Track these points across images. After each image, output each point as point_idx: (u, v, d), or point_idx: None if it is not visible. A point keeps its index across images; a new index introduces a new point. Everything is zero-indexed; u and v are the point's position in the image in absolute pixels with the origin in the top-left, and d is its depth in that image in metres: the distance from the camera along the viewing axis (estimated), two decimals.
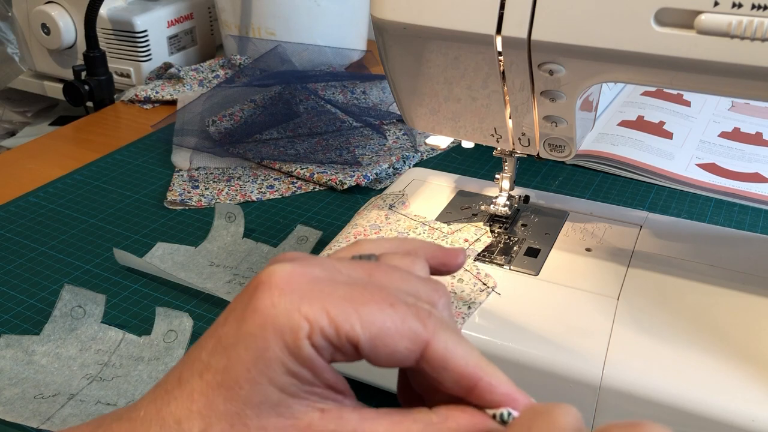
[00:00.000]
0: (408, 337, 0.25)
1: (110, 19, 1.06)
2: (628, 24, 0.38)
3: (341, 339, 0.24)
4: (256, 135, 0.86)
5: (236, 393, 0.24)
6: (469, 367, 0.25)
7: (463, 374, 0.25)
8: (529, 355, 0.44)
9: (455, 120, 0.51)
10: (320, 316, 0.24)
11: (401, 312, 0.25)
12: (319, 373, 0.25)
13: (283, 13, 1.05)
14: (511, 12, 0.41)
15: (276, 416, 0.24)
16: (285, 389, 0.24)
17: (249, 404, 0.24)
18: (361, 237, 0.54)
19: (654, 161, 0.80)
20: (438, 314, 0.26)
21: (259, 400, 0.24)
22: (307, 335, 0.24)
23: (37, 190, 0.78)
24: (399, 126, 0.91)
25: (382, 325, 0.24)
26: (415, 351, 0.25)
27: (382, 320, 0.24)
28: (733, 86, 0.39)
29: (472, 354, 0.25)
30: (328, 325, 0.24)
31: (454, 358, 0.25)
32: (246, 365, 0.24)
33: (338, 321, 0.24)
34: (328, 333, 0.24)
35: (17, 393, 0.50)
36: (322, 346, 0.24)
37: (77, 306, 0.56)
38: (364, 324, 0.24)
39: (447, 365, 0.25)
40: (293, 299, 0.24)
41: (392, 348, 0.24)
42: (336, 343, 0.24)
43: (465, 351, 0.25)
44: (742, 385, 0.41)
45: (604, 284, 0.49)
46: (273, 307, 0.24)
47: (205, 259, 0.65)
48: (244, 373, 0.24)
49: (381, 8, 0.45)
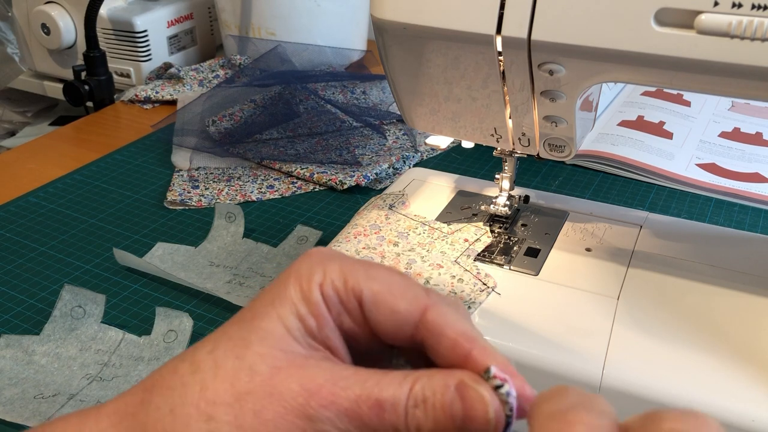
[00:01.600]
0: (408, 299, 0.27)
1: (110, 19, 1.06)
2: (628, 24, 0.38)
3: (348, 291, 0.27)
4: (256, 135, 0.86)
5: (248, 323, 0.27)
6: (465, 336, 0.26)
7: (458, 340, 0.26)
8: (529, 355, 0.44)
9: (455, 120, 0.51)
10: (335, 269, 0.27)
11: (407, 278, 0.28)
12: (322, 326, 0.27)
13: (283, 13, 1.05)
14: (511, 12, 0.41)
15: (276, 349, 0.26)
16: (290, 330, 0.26)
17: (255, 331, 0.26)
18: (361, 237, 0.54)
19: (654, 161, 0.80)
20: (446, 299, 0.28)
21: (265, 329, 0.26)
22: (319, 282, 0.27)
23: (37, 190, 0.78)
24: (399, 126, 0.91)
25: (385, 283, 0.27)
26: (413, 313, 0.27)
27: (388, 280, 0.27)
28: (733, 86, 0.39)
29: (472, 328, 0.27)
30: (338, 277, 0.27)
31: (451, 324, 0.26)
32: (264, 302, 0.27)
33: (348, 275, 0.27)
34: (337, 284, 0.27)
35: (17, 393, 0.50)
36: (330, 296, 0.27)
37: (77, 306, 0.56)
38: (370, 278, 0.27)
39: (444, 330, 0.26)
40: (319, 259, 0.28)
41: (392, 306, 0.27)
42: (343, 295, 0.27)
43: (464, 324, 0.27)
44: (742, 385, 0.41)
45: (604, 284, 0.49)
46: (300, 263, 0.28)
47: (205, 259, 0.65)
48: (260, 308, 0.27)
49: (381, 8, 0.45)
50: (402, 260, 0.51)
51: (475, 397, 0.25)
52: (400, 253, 0.52)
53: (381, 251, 0.52)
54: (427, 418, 0.25)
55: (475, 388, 0.25)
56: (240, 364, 0.26)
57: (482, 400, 0.25)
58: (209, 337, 0.28)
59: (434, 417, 0.25)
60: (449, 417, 0.25)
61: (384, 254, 0.52)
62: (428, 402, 0.25)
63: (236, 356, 0.26)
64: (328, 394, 0.25)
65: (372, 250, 0.52)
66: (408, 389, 0.25)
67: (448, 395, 0.25)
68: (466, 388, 0.25)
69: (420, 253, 0.52)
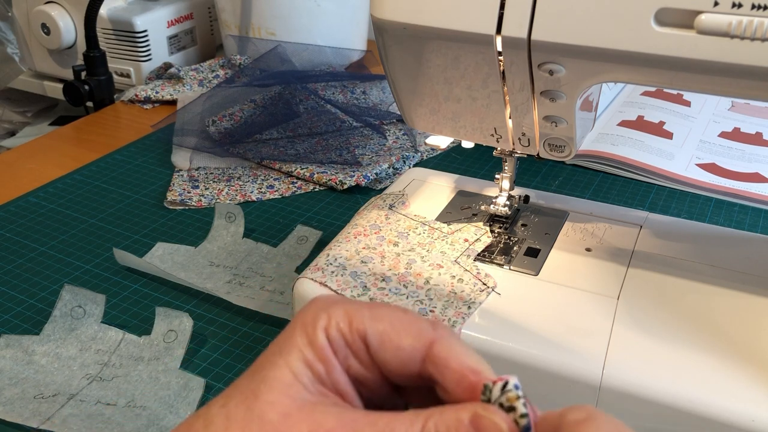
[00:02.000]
0: (413, 335, 0.27)
1: (110, 19, 1.06)
2: (628, 24, 0.38)
3: (353, 333, 0.27)
4: (256, 135, 0.86)
5: (257, 374, 0.27)
6: (471, 367, 0.26)
7: (463, 374, 0.26)
8: (529, 355, 0.44)
9: (455, 120, 0.51)
10: (339, 313, 0.27)
11: (411, 315, 0.27)
12: (330, 370, 0.27)
13: (283, 13, 1.05)
14: (511, 12, 0.41)
15: (285, 396, 0.26)
16: (298, 377, 0.26)
17: (264, 381, 0.26)
18: (361, 237, 0.54)
19: (654, 161, 0.80)
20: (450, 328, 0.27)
21: (273, 378, 0.26)
22: (324, 327, 0.27)
23: (37, 190, 0.78)
24: (399, 126, 0.91)
25: (389, 320, 0.27)
26: (419, 349, 0.27)
27: (392, 318, 0.27)
28: (733, 86, 0.39)
29: (479, 360, 0.26)
30: (343, 320, 0.27)
31: (457, 357, 0.26)
32: (272, 352, 0.27)
33: (353, 316, 0.27)
34: (341, 326, 0.27)
35: (17, 393, 0.50)
36: (336, 338, 0.27)
37: (77, 306, 0.56)
38: (374, 318, 0.27)
39: (449, 363, 0.26)
40: (324, 304, 0.28)
41: (398, 343, 0.27)
42: (348, 337, 0.27)
43: (471, 355, 0.26)
44: (742, 385, 0.41)
45: (604, 284, 0.49)
46: (305, 310, 0.28)
47: (205, 259, 0.65)
48: (269, 358, 0.27)
49: (381, 8, 0.45)
50: (402, 260, 0.51)
51: (489, 425, 0.25)
52: (400, 253, 0.52)
53: (381, 251, 0.52)
54: None
55: (488, 417, 0.25)
56: (250, 414, 0.26)
57: (496, 426, 0.24)
58: (223, 392, 0.28)
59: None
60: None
61: (384, 254, 0.52)
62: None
63: (247, 407, 0.26)
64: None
65: (372, 250, 0.52)
66: (420, 428, 0.25)
67: (462, 429, 0.25)
68: (480, 419, 0.25)
69: (420, 253, 0.52)
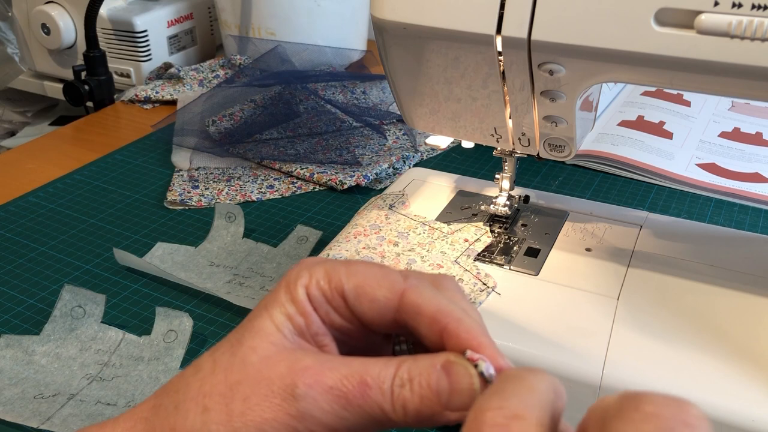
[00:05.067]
0: (386, 286, 0.28)
1: (110, 19, 1.06)
2: (628, 24, 0.38)
3: (332, 290, 0.28)
4: (256, 135, 0.86)
5: (243, 325, 0.29)
6: (440, 311, 0.27)
7: (433, 317, 0.27)
8: (529, 355, 0.44)
9: (455, 120, 0.51)
10: (319, 272, 0.29)
11: (385, 269, 0.29)
12: (309, 323, 0.29)
13: (283, 13, 1.05)
14: (511, 12, 0.41)
15: (266, 342, 0.28)
16: (279, 327, 0.28)
17: (248, 330, 0.29)
18: (361, 237, 0.54)
19: (654, 161, 0.80)
20: (428, 279, 0.29)
21: (256, 327, 0.29)
22: (305, 284, 0.29)
23: (37, 190, 0.78)
24: (399, 126, 0.91)
25: (364, 276, 0.29)
26: (392, 299, 0.28)
27: (366, 273, 0.29)
28: (733, 86, 0.39)
29: (447, 303, 0.28)
30: (323, 278, 0.29)
31: (427, 303, 0.27)
32: (258, 308, 0.29)
33: (331, 274, 0.29)
34: (321, 284, 0.29)
35: (17, 393, 0.50)
36: (316, 295, 0.29)
37: (77, 306, 0.56)
38: (350, 274, 0.29)
39: (420, 310, 0.27)
40: (307, 265, 0.30)
41: (372, 295, 0.28)
42: (327, 293, 0.29)
43: (440, 300, 0.28)
44: (742, 385, 0.41)
45: (604, 284, 0.49)
46: (290, 271, 0.30)
47: (205, 259, 0.65)
48: (255, 313, 0.29)
49: (381, 8, 0.45)
50: (402, 260, 0.51)
51: (461, 370, 0.26)
52: (400, 253, 0.52)
53: (381, 251, 0.52)
54: (413, 396, 0.26)
55: (459, 362, 0.26)
56: (233, 358, 0.28)
57: (467, 372, 0.26)
58: (215, 344, 0.30)
59: (420, 394, 0.26)
60: (435, 393, 0.26)
61: (384, 254, 0.52)
62: (414, 381, 0.26)
63: (231, 353, 0.28)
64: (314, 374, 0.27)
65: (372, 250, 0.52)
66: (394, 370, 0.26)
67: (434, 373, 0.26)
68: (452, 365, 0.26)
69: (420, 253, 0.52)
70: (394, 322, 0.29)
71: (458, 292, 0.30)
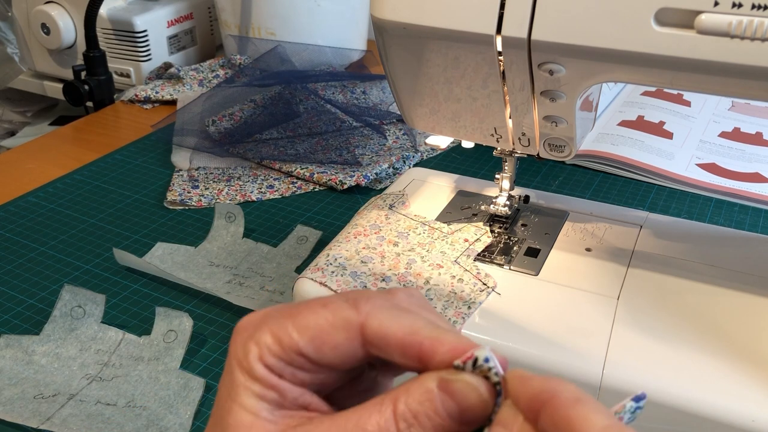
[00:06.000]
0: (342, 327, 0.26)
1: (110, 19, 1.06)
2: (628, 24, 0.38)
3: (286, 351, 0.26)
4: (256, 135, 0.86)
5: (218, 424, 0.26)
6: (408, 334, 0.25)
7: (403, 342, 0.25)
8: (529, 355, 0.44)
9: (455, 120, 0.51)
10: (265, 336, 0.26)
11: (333, 307, 0.26)
12: (283, 394, 0.26)
13: (283, 13, 1.05)
14: (511, 12, 0.41)
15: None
16: (257, 413, 0.26)
17: (227, 429, 0.26)
18: (361, 237, 0.54)
19: (654, 161, 0.80)
20: (380, 299, 0.27)
21: (234, 424, 0.26)
22: (258, 357, 0.26)
23: (37, 190, 0.78)
24: (399, 126, 0.91)
25: (315, 325, 0.26)
26: (354, 338, 0.26)
27: (315, 320, 0.26)
28: (733, 86, 0.39)
29: (412, 322, 0.26)
30: (272, 343, 0.26)
31: (391, 330, 0.25)
32: (223, 398, 0.27)
33: (280, 336, 0.26)
34: (274, 349, 0.26)
35: (17, 393, 0.50)
36: (274, 363, 0.26)
37: (77, 306, 0.56)
38: (300, 329, 0.26)
39: (387, 339, 0.25)
40: (248, 332, 0.27)
41: (332, 342, 0.26)
42: (284, 357, 0.26)
43: (402, 321, 0.26)
44: (742, 385, 0.41)
45: (604, 284, 0.49)
46: (234, 345, 0.27)
47: (205, 259, 0.65)
48: (223, 405, 0.26)
49: (381, 8, 0.45)
50: (402, 260, 0.51)
51: (462, 387, 0.24)
52: (400, 253, 0.52)
53: (381, 251, 0.52)
54: (426, 430, 0.24)
55: (457, 379, 0.24)
56: None
57: (470, 386, 0.24)
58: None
59: (432, 425, 0.24)
60: (447, 417, 0.24)
61: (384, 254, 0.52)
62: (420, 415, 0.24)
63: None
64: None
65: (372, 250, 0.52)
66: (391, 413, 0.25)
67: (436, 399, 0.24)
68: (449, 383, 0.24)
69: (420, 253, 0.52)
70: (367, 354, 0.26)
71: (415, 302, 0.28)
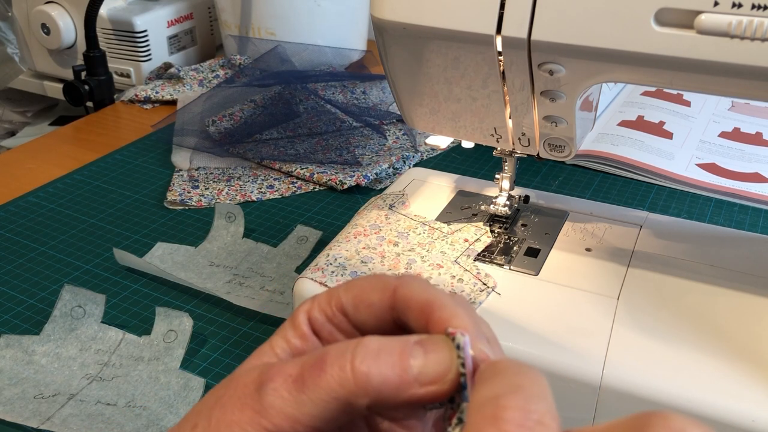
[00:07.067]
0: (379, 288, 0.29)
1: (110, 19, 1.06)
2: (628, 24, 0.38)
3: (331, 307, 0.29)
4: (256, 135, 0.86)
5: (247, 361, 0.29)
6: (428, 301, 0.27)
7: (421, 308, 0.27)
8: (529, 355, 0.44)
9: (455, 120, 0.51)
10: (322, 296, 0.30)
11: (380, 275, 0.30)
12: (307, 344, 0.29)
13: (283, 13, 1.05)
14: (511, 12, 0.41)
15: (258, 360, 0.29)
16: (274, 347, 0.29)
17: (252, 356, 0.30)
18: (361, 237, 0.54)
19: (654, 161, 0.80)
20: (421, 278, 0.30)
21: (257, 352, 0.30)
22: (306, 310, 0.30)
23: (37, 190, 0.78)
24: (399, 126, 0.91)
25: (360, 286, 0.29)
26: (386, 300, 0.28)
27: (361, 283, 0.30)
28: (733, 86, 0.39)
29: (437, 294, 0.28)
30: (324, 300, 0.30)
31: (416, 295, 0.28)
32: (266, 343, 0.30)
33: (331, 294, 0.30)
34: (323, 306, 0.29)
35: (17, 393, 0.50)
36: (317, 317, 0.29)
37: (77, 306, 0.56)
38: (348, 288, 0.29)
39: (409, 303, 0.28)
40: (316, 295, 0.31)
41: (367, 300, 0.29)
42: (328, 312, 0.29)
43: (430, 291, 0.28)
44: (742, 385, 0.41)
45: (604, 284, 0.49)
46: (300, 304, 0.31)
47: (205, 259, 0.65)
48: (261, 347, 0.30)
49: (381, 8, 0.45)
50: (402, 260, 0.51)
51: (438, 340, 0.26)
52: (400, 253, 0.52)
53: (381, 251, 0.52)
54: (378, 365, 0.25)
55: (437, 336, 0.26)
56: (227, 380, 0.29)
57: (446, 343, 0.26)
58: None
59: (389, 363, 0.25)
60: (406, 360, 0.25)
61: (384, 254, 0.52)
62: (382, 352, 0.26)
63: (229, 378, 0.29)
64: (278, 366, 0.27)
65: (372, 250, 0.52)
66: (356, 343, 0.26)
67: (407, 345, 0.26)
68: (428, 338, 0.26)
69: (420, 253, 0.52)
70: (394, 325, 0.29)
71: (457, 298, 0.30)
